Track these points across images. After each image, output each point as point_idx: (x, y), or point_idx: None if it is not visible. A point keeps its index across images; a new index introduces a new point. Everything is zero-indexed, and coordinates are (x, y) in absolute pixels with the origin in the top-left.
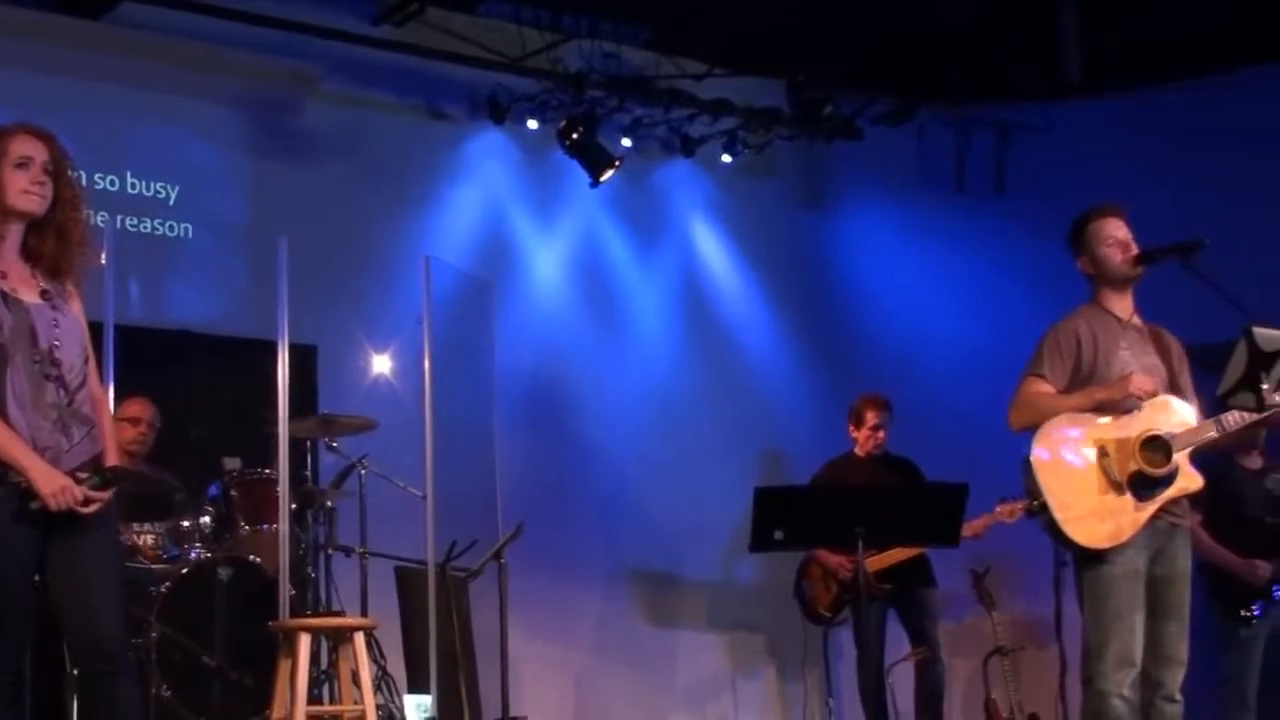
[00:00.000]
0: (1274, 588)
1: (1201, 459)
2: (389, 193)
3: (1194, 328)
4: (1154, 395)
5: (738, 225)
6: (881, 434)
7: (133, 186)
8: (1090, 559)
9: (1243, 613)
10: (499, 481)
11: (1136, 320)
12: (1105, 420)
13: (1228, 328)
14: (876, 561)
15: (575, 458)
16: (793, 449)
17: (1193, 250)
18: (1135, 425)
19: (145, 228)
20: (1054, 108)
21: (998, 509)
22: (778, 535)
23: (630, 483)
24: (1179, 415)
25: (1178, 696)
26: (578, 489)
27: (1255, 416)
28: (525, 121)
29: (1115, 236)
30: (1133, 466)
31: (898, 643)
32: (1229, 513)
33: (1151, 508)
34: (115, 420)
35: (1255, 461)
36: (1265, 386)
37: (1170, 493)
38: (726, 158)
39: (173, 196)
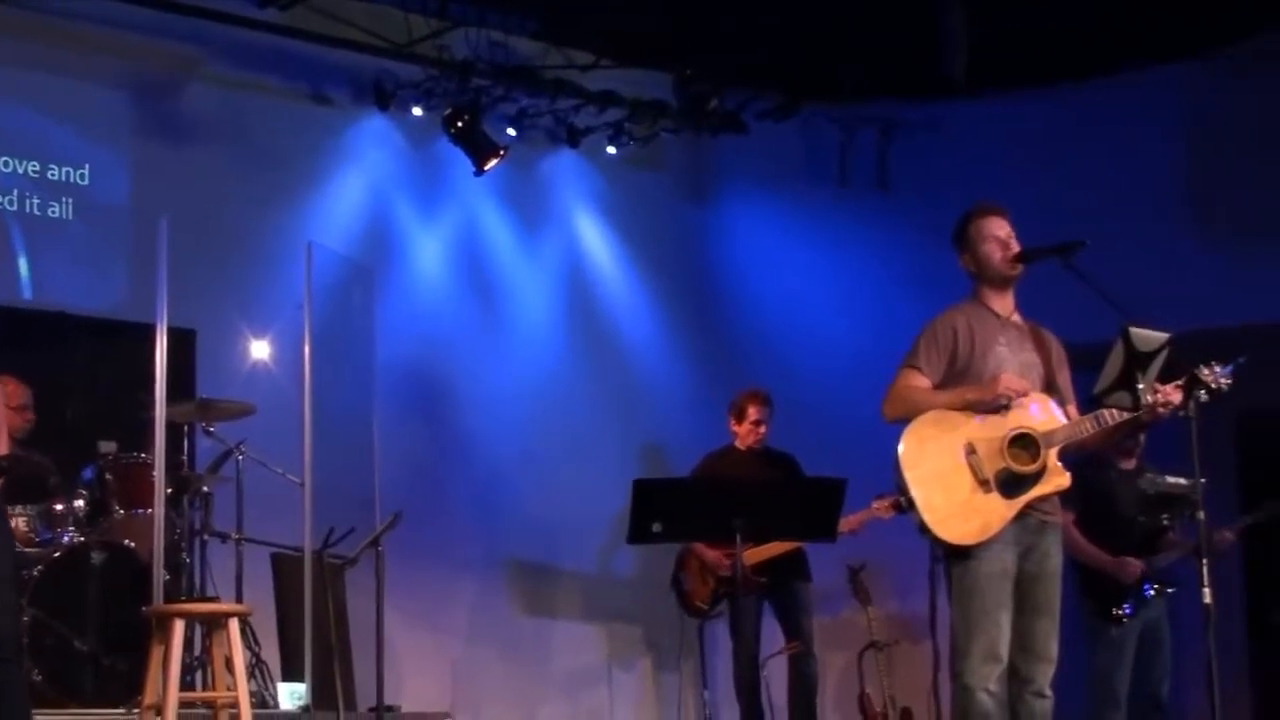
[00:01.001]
0: (1145, 586)
1: (1076, 459)
2: (272, 177)
3: (1073, 327)
4: (1025, 395)
5: (622, 217)
6: (762, 428)
7: (5, 165)
8: (958, 555)
9: (1115, 611)
10: (377, 469)
11: (1016, 318)
12: (974, 418)
13: (1106, 327)
14: (753, 554)
15: (455, 447)
16: (673, 442)
17: (1072, 250)
18: (1005, 423)
19: (27, 208)
20: (938, 106)
21: (874, 504)
22: (656, 528)
23: (509, 473)
24: (1050, 413)
25: (1047, 692)
26: (456, 478)
27: (1130, 415)
28: (410, 108)
29: (996, 235)
30: (1000, 464)
31: (775, 636)
32: (1102, 511)
33: (1019, 504)
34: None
35: (1130, 464)
36: (1141, 386)
37: (1039, 490)
38: (612, 149)
39: (51, 177)
